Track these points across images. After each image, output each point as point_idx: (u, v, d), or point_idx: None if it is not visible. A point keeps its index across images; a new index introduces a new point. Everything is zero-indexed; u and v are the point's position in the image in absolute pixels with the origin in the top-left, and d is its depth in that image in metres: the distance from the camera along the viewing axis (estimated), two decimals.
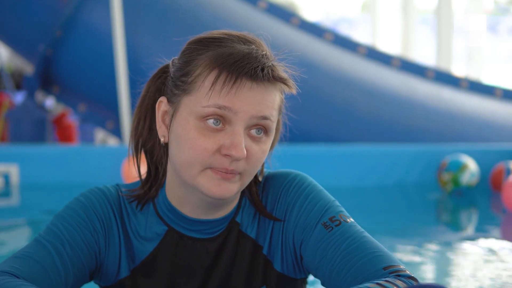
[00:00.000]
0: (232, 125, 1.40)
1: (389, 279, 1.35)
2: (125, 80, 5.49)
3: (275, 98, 1.44)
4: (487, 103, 6.06)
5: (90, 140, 8.09)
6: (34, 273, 1.41)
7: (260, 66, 1.39)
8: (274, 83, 1.43)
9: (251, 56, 1.40)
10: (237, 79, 1.38)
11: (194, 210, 1.50)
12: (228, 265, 1.53)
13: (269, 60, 1.42)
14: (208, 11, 5.80)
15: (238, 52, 1.41)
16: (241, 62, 1.39)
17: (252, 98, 1.39)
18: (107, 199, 1.54)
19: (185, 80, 1.44)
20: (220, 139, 1.39)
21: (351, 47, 6.06)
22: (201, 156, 1.40)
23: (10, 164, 5.23)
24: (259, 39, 1.48)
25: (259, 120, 1.41)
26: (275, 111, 1.44)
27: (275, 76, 1.42)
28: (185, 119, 1.42)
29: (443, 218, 4.51)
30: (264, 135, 1.43)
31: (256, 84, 1.40)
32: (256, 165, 1.44)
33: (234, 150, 1.38)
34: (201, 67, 1.42)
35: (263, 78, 1.40)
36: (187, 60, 1.46)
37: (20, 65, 9.74)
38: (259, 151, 1.43)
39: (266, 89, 1.41)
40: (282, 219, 1.54)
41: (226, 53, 1.41)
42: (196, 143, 1.40)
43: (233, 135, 1.39)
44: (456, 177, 4.78)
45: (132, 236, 1.54)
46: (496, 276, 2.74)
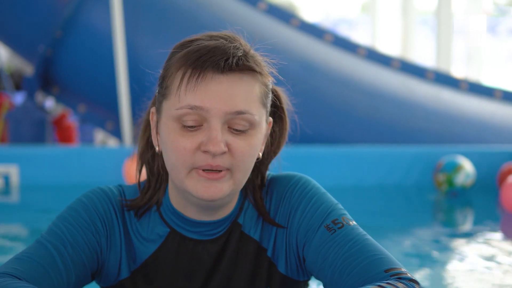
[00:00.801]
0: (208, 122, 1.40)
1: (390, 282, 1.36)
2: (125, 81, 5.49)
3: (251, 89, 1.42)
4: (486, 105, 6.06)
5: (89, 141, 8.09)
6: (36, 274, 1.41)
7: (224, 57, 1.38)
8: (248, 74, 1.42)
9: (217, 49, 1.40)
10: (200, 73, 1.38)
11: (196, 212, 1.50)
12: (230, 267, 1.53)
13: (239, 50, 1.41)
14: (208, 12, 5.80)
15: (204, 48, 1.40)
16: (205, 56, 1.39)
17: (221, 92, 1.39)
18: (109, 199, 1.54)
19: (162, 85, 1.46)
20: (199, 137, 1.40)
21: (351, 48, 6.06)
22: (183, 156, 1.40)
23: (10, 165, 5.23)
24: (235, 35, 1.47)
25: (235, 115, 1.40)
26: (255, 103, 1.43)
27: (239, 65, 1.40)
28: (166, 124, 1.43)
29: (442, 219, 4.51)
30: (250, 129, 1.42)
31: (223, 76, 1.39)
32: (245, 160, 1.43)
33: (211, 145, 1.38)
34: (171, 69, 1.43)
35: (227, 68, 1.39)
36: (164, 67, 1.47)
37: (19, 66, 9.74)
38: (245, 145, 1.42)
39: (238, 81, 1.40)
40: (286, 221, 1.54)
41: (193, 51, 1.41)
42: (177, 144, 1.40)
43: (210, 131, 1.39)
44: (451, 178, 4.78)
45: (134, 237, 1.55)
46: (496, 276, 2.75)
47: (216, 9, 5.84)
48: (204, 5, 5.84)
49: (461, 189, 4.80)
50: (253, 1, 6.03)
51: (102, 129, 6.28)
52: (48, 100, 7.32)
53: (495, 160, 5.14)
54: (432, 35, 12.03)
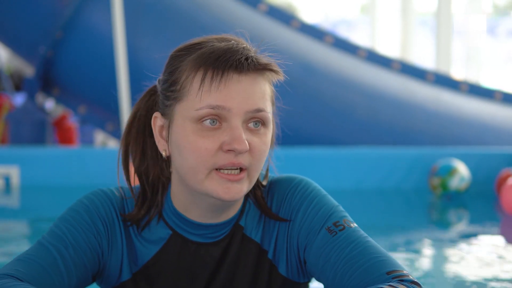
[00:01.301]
0: (228, 121, 1.40)
1: (392, 284, 1.36)
2: (126, 82, 5.49)
3: (265, 88, 1.45)
4: (486, 107, 6.06)
5: (90, 142, 8.09)
6: (37, 276, 1.41)
7: (243, 57, 1.41)
8: (262, 73, 1.44)
9: (232, 49, 1.42)
10: (223, 73, 1.39)
11: (200, 215, 1.51)
12: (231, 269, 1.54)
13: (250, 51, 1.43)
14: (208, 13, 5.80)
15: (219, 49, 1.42)
16: (224, 56, 1.40)
17: (243, 92, 1.40)
18: (110, 201, 1.54)
19: (173, 89, 1.45)
20: (220, 137, 1.40)
21: (351, 50, 6.06)
22: (204, 157, 1.40)
23: (10, 166, 5.23)
24: (239, 38, 1.49)
25: (254, 113, 1.42)
26: (268, 102, 1.45)
27: (261, 63, 1.43)
28: (182, 126, 1.43)
29: (441, 221, 4.51)
30: (262, 127, 1.44)
31: (244, 76, 1.41)
32: (261, 158, 1.44)
33: (236, 143, 1.39)
34: (186, 72, 1.43)
35: (249, 67, 1.41)
36: (171, 70, 1.47)
37: (19, 67, 9.73)
38: (260, 142, 1.43)
39: (255, 80, 1.42)
40: (287, 224, 1.54)
41: (208, 52, 1.42)
42: (197, 146, 1.40)
43: (232, 130, 1.40)
44: (445, 182, 4.77)
45: (135, 239, 1.55)
46: (495, 277, 2.75)
47: (216, 11, 5.84)
48: (204, 7, 5.85)
49: (455, 193, 4.79)
50: (253, 2, 6.03)
51: (102, 130, 6.29)
52: (49, 101, 7.32)
53: (495, 162, 5.13)
54: (431, 36, 12.04)
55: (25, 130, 5.95)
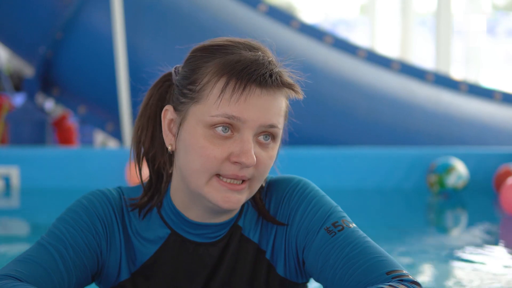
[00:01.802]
0: (240, 133, 1.40)
1: (392, 284, 1.36)
2: (126, 82, 5.49)
3: (281, 104, 1.45)
4: (486, 107, 6.06)
5: (89, 142, 8.09)
6: (37, 276, 1.42)
7: (268, 73, 1.40)
8: (282, 89, 1.44)
9: (259, 62, 1.41)
10: (246, 86, 1.39)
11: (199, 215, 1.51)
12: (230, 269, 1.54)
13: (275, 66, 1.43)
14: (208, 14, 5.80)
15: (246, 59, 1.41)
16: (249, 68, 1.39)
17: (260, 106, 1.40)
18: (109, 201, 1.55)
19: (192, 88, 1.44)
20: (230, 147, 1.40)
21: (351, 50, 6.06)
22: (210, 164, 1.41)
23: (10, 166, 5.23)
24: (264, 46, 1.49)
25: (267, 128, 1.42)
26: (282, 118, 1.46)
27: (283, 82, 1.43)
28: (194, 128, 1.42)
29: (441, 221, 4.51)
30: (271, 141, 1.44)
31: (266, 91, 1.40)
32: (265, 171, 1.45)
33: (244, 157, 1.39)
34: (209, 75, 1.42)
35: (272, 84, 1.40)
36: (193, 68, 1.45)
37: (19, 67, 9.72)
38: (267, 157, 1.44)
39: (274, 96, 1.42)
40: (285, 224, 1.54)
41: (234, 60, 1.41)
42: (206, 152, 1.40)
43: (242, 142, 1.40)
44: (442, 179, 4.80)
45: (134, 239, 1.55)
46: (492, 278, 2.75)
47: (216, 11, 5.84)
48: (204, 7, 5.85)
49: (453, 191, 4.80)
50: (253, 2, 6.03)
51: (102, 130, 6.29)
52: (48, 102, 7.32)
53: (494, 161, 5.14)
54: (431, 36, 12.04)
55: (25, 130, 5.95)
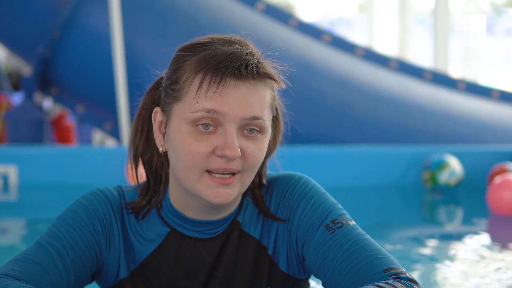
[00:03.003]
0: (223, 127, 1.41)
1: (389, 281, 1.37)
2: (124, 81, 5.49)
3: (264, 96, 1.44)
4: (484, 105, 6.07)
5: (88, 141, 8.08)
6: (35, 275, 1.42)
7: (244, 64, 1.40)
8: (262, 80, 1.44)
9: (235, 55, 1.41)
10: (221, 79, 1.39)
11: (197, 214, 1.52)
12: (230, 265, 1.55)
13: (254, 57, 1.43)
14: (206, 12, 5.80)
15: (222, 53, 1.42)
16: (224, 62, 1.40)
17: (239, 98, 1.40)
18: (108, 200, 1.55)
19: (174, 88, 1.46)
20: (214, 141, 1.41)
21: (348, 48, 6.07)
22: (196, 159, 1.41)
23: (8, 165, 5.23)
24: (245, 40, 1.49)
25: (250, 121, 1.42)
26: (266, 109, 1.45)
27: (260, 72, 1.42)
28: (178, 126, 1.44)
29: (438, 218, 4.51)
30: (258, 134, 1.44)
31: (242, 83, 1.41)
32: (255, 163, 1.45)
33: (228, 150, 1.39)
34: (187, 73, 1.44)
35: (248, 75, 1.41)
36: (175, 68, 1.47)
37: (17, 66, 9.72)
38: (256, 149, 1.44)
39: (254, 87, 1.42)
40: (286, 220, 1.55)
41: (210, 55, 1.42)
42: (190, 148, 1.41)
43: (226, 135, 1.40)
44: (434, 176, 4.82)
45: (133, 237, 1.55)
46: (489, 275, 2.76)
47: (214, 10, 5.84)
48: (202, 6, 5.85)
49: (445, 187, 4.82)
50: (251, 1, 6.03)
51: (101, 129, 6.28)
52: (47, 101, 7.31)
53: (492, 159, 5.14)
54: (429, 35, 12.04)
55: (23, 129, 5.95)
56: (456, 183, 4.83)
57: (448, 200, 4.83)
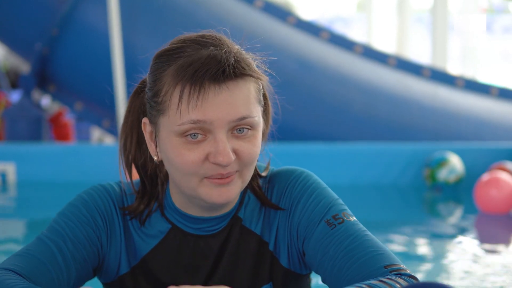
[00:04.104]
0: (213, 133, 1.39)
1: (391, 277, 1.37)
2: (122, 79, 5.49)
3: (248, 92, 1.41)
4: (483, 102, 6.07)
5: (86, 138, 8.08)
6: (36, 271, 1.42)
7: (221, 69, 1.37)
8: (243, 78, 1.41)
9: (210, 59, 1.38)
10: (201, 89, 1.36)
11: (199, 211, 1.51)
12: (232, 261, 1.54)
13: (230, 56, 1.39)
14: (204, 10, 5.80)
15: (196, 61, 1.38)
16: (200, 70, 1.36)
17: (222, 103, 1.37)
18: (109, 195, 1.55)
19: (156, 100, 1.43)
20: (205, 148, 1.39)
21: (347, 45, 6.07)
22: (192, 168, 1.40)
23: (7, 162, 5.23)
24: (220, 36, 1.46)
25: (238, 121, 1.39)
26: (253, 105, 1.42)
27: (237, 73, 1.39)
28: (167, 138, 1.42)
29: (437, 216, 4.52)
30: (249, 131, 1.42)
31: (222, 88, 1.37)
32: (252, 160, 1.44)
33: (220, 157, 1.38)
34: (166, 85, 1.41)
35: (227, 79, 1.38)
36: (154, 80, 1.45)
37: (15, 64, 9.72)
38: (249, 146, 1.42)
39: (235, 87, 1.39)
40: (287, 215, 1.54)
41: (185, 65, 1.39)
42: (183, 158, 1.39)
43: (216, 142, 1.38)
44: (434, 173, 4.83)
45: (134, 233, 1.55)
46: (486, 273, 2.77)
47: (212, 7, 5.84)
48: (201, 3, 5.85)
49: (444, 185, 4.82)
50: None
51: (99, 127, 6.29)
52: (45, 98, 7.31)
53: (491, 156, 5.14)
54: (427, 33, 12.04)
55: (21, 126, 5.95)
56: (456, 181, 4.83)
57: (445, 198, 4.83)
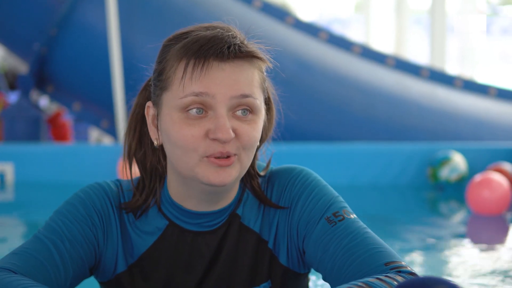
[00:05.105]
0: (214, 110, 1.40)
1: (389, 275, 1.36)
2: (120, 79, 5.49)
3: (252, 75, 1.44)
4: (481, 102, 6.07)
5: (84, 139, 8.08)
6: (33, 269, 1.41)
7: (226, 45, 1.40)
8: (247, 60, 1.43)
9: (216, 37, 1.41)
10: (205, 62, 1.39)
11: (196, 204, 1.51)
12: (230, 259, 1.54)
13: (236, 38, 1.43)
14: (202, 9, 5.80)
15: (203, 38, 1.42)
16: (206, 45, 1.40)
17: (225, 78, 1.40)
18: (106, 194, 1.55)
19: (161, 78, 1.46)
20: (206, 124, 1.40)
21: (345, 46, 6.07)
22: (191, 144, 1.41)
23: (5, 163, 5.22)
24: (228, 25, 1.49)
25: (240, 99, 1.41)
26: (256, 88, 1.44)
27: (242, 51, 1.42)
28: (169, 115, 1.43)
29: (437, 216, 4.52)
30: (250, 114, 1.44)
31: (226, 63, 1.41)
32: (251, 144, 1.44)
33: (220, 133, 1.38)
34: (171, 61, 1.44)
35: (230, 55, 1.40)
36: (160, 60, 1.48)
37: (13, 65, 9.72)
38: (249, 129, 1.43)
39: (240, 66, 1.42)
40: (287, 213, 1.55)
41: (192, 41, 1.42)
42: (183, 133, 1.41)
43: (217, 118, 1.40)
44: (436, 172, 4.84)
45: (131, 230, 1.55)
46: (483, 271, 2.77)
47: (210, 7, 5.85)
48: (199, 3, 5.85)
49: (446, 183, 4.83)
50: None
51: (97, 127, 6.29)
52: (43, 99, 7.31)
53: (490, 156, 5.14)
54: (426, 34, 12.06)
55: (19, 127, 5.94)
56: (458, 180, 4.83)
57: (445, 198, 4.83)
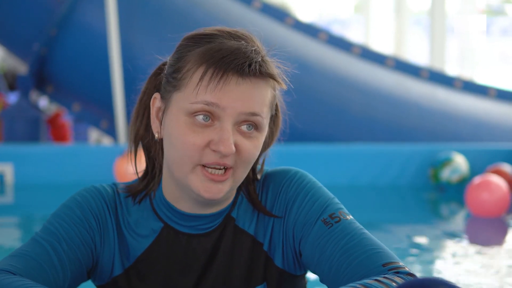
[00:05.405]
0: (220, 121, 1.40)
1: (387, 276, 1.36)
2: (120, 79, 5.48)
3: (265, 94, 1.44)
4: (481, 103, 6.07)
5: (84, 139, 8.07)
6: (32, 271, 1.42)
7: (247, 62, 1.40)
8: (264, 79, 1.43)
9: (240, 51, 1.41)
10: (223, 75, 1.39)
11: (189, 207, 1.51)
12: (225, 261, 1.54)
13: (258, 55, 1.42)
14: (202, 10, 5.80)
15: (227, 48, 1.41)
16: (228, 58, 1.39)
17: (240, 94, 1.40)
18: (102, 197, 1.55)
19: (176, 76, 1.45)
20: (209, 134, 1.40)
21: (345, 46, 6.07)
22: (191, 151, 1.41)
23: (4, 163, 5.22)
24: (252, 35, 1.48)
25: (248, 116, 1.41)
26: (266, 107, 1.45)
27: (262, 72, 1.42)
28: (175, 116, 1.43)
29: (436, 217, 4.52)
30: (255, 131, 1.44)
31: (243, 80, 1.40)
32: (249, 160, 1.44)
33: (222, 146, 1.38)
34: (190, 63, 1.43)
35: (250, 73, 1.40)
36: (178, 57, 1.47)
37: (13, 66, 9.72)
38: (251, 146, 1.43)
39: (255, 85, 1.42)
40: (282, 215, 1.54)
41: (214, 49, 1.41)
42: (186, 139, 1.40)
43: (221, 130, 1.39)
44: (437, 172, 4.85)
45: (127, 234, 1.55)
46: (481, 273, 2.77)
47: (210, 8, 5.85)
48: (199, 4, 5.85)
49: (447, 184, 4.83)
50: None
51: (97, 127, 6.28)
52: (43, 99, 7.31)
53: (489, 157, 5.14)
54: (425, 35, 12.05)
55: (19, 127, 5.94)
56: (459, 181, 4.84)
57: (445, 199, 4.83)
